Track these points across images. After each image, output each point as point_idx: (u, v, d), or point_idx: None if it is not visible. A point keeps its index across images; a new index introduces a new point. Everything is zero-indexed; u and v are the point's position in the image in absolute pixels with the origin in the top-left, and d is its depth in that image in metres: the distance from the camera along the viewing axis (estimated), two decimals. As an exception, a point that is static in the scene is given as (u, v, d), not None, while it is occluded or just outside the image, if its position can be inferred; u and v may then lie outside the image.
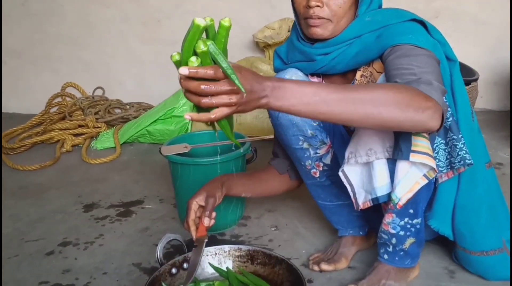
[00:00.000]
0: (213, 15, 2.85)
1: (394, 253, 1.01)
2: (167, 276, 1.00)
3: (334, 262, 1.12)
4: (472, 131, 0.99)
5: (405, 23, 0.93)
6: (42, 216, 1.48)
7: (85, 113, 2.36)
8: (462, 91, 0.98)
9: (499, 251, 1.02)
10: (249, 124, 2.01)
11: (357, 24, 0.97)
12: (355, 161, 0.94)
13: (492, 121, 2.19)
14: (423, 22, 0.95)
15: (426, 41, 0.90)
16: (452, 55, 0.97)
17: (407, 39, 0.89)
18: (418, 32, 0.92)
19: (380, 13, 0.98)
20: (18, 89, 2.66)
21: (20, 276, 1.17)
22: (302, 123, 1.05)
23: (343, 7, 0.95)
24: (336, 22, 0.96)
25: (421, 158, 0.85)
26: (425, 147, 0.86)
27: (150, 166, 1.85)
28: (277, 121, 1.07)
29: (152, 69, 2.55)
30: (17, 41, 2.58)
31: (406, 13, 0.97)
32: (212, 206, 1.00)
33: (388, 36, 0.92)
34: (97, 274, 1.16)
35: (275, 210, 1.44)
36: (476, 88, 1.89)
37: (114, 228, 1.39)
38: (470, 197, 0.98)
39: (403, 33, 0.91)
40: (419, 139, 0.86)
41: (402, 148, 0.86)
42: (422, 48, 0.88)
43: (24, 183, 1.74)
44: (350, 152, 0.95)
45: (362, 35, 0.96)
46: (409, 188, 0.89)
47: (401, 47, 0.89)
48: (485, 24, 2.29)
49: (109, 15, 2.50)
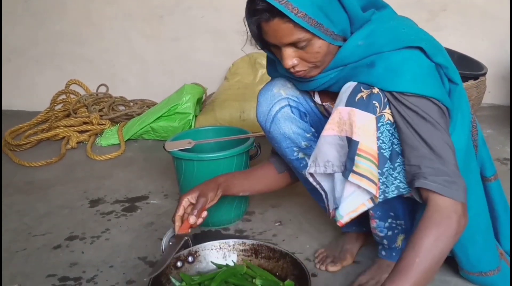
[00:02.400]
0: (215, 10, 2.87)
1: (390, 250, 1.03)
2: (173, 269, 1.02)
3: (340, 261, 1.12)
4: (468, 152, 0.93)
5: (401, 52, 0.84)
6: (49, 211, 1.50)
7: (89, 110, 2.37)
8: (464, 112, 0.91)
9: (498, 270, 0.99)
10: (253, 121, 2.02)
11: (348, 49, 0.88)
12: (314, 171, 0.94)
13: (499, 116, 2.16)
14: (421, 48, 0.85)
15: (426, 80, 0.83)
16: (455, 78, 0.89)
17: (409, 86, 0.81)
18: (418, 66, 0.83)
19: (374, 35, 0.87)
20: (23, 86, 2.67)
21: (28, 269, 1.19)
22: (295, 136, 1.05)
23: (322, 51, 0.87)
24: (321, 64, 0.90)
25: (359, 180, 0.84)
26: (366, 170, 0.84)
27: (154, 162, 1.86)
28: (269, 134, 1.07)
29: (155, 66, 2.55)
30: (20, 39, 2.59)
31: (404, 33, 0.87)
32: (201, 205, 1.00)
33: (384, 73, 0.83)
34: (104, 267, 1.18)
35: (279, 206, 1.45)
36: (484, 83, 1.83)
37: (119, 223, 1.41)
38: None
39: (401, 72, 0.82)
40: (363, 161, 0.84)
41: (347, 166, 0.86)
42: (427, 99, 0.81)
43: (31, 179, 1.76)
44: (312, 160, 0.94)
45: (350, 63, 0.88)
46: (353, 208, 0.88)
47: (409, 115, 0.81)
48: (493, 18, 2.24)
49: (111, 12, 2.50)
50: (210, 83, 2.41)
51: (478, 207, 0.96)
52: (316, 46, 0.86)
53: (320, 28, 0.84)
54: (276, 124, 1.05)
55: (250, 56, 2.30)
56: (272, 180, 1.17)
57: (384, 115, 0.84)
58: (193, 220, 0.99)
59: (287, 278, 1.01)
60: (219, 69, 2.45)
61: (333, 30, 0.86)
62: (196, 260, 1.05)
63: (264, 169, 1.17)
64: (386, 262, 1.04)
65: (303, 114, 1.07)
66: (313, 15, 0.83)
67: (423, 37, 0.88)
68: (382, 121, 0.85)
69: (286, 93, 1.04)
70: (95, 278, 1.13)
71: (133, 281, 1.12)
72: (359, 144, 0.84)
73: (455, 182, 0.80)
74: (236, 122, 1.98)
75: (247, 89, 2.15)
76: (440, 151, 0.81)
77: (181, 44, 2.50)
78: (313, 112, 1.08)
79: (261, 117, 1.06)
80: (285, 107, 1.04)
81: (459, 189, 0.80)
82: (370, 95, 0.84)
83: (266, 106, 1.05)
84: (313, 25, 0.83)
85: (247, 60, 2.31)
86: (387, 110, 0.84)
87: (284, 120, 1.04)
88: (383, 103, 0.84)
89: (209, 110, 2.11)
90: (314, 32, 0.84)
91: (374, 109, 0.84)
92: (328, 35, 0.86)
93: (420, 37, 0.87)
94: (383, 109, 0.84)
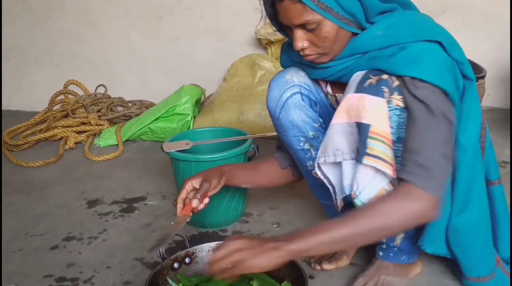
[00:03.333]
0: (215, 11, 2.86)
1: (388, 250, 1.03)
2: (170, 271, 1.02)
3: (335, 260, 1.13)
4: (476, 152, 0.94)
5: (420, 44, 0.85)
6: (46, 211, 1.50)
7: (87, 110, 2.37)
8: (476, 111, 0.93)
9: (492, 276, 0.98)
10: (251, 122, 2.02)
11: (366, 38, 0.89)
12: (324, 161, 0.95)
13: (499, 119, 2.16)
14: (440, 42, 0.87)
15: (441, 72, 0.84)
16: (470, 74, 0.91)
17: (424, 73, 0.83)
18: (435, 57, 0.85)
19: (395, 26, 0.88)
20: (21, 86, 2.67)
21: (26, 269, 1.19)
22: (303, 124, 1.05)
23: (330, 36, 0.88)
24: (330, 51, 0.91)
25: (374, 162, 0.85)
26: (380, 152, 0.85)
27: (152, 163, 1.86)
28: (278, 121, 1.07)
29: (154, 67, 2.55)
30: (19, 37, 2.59)
31: (424, 27, 0.89)
32: (205, 190, 1.01)
33: (402, 60, 0.85)
34: (101, 268, 1.18)
35: (277, 207, 1.46)
36: (483, 85, 1.81)
37: (117, 224, 1.41)
38: (463, 220, 0.93)
39: (419, 61, 0.84)
40: (376, 143, 0.85)
41: (360, 150, 0.87)
42: (438, 90, 0.83)
43: (29, 179, 1.76)
44: (321, 151, 0.96)
45: (370, 51, 0.89)
46: (375, 194, 0.89)
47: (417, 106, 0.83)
48: (494, 19, 2.23)
49: (111, 11, 2.50)
50: (209, 84, 2.41)
51: (481, 209, 0.96)
52: (325, 30, 0.88)
53: (330, 12, 0.86)
54: (285, 110, 1.04)
55: (249, 57, 2.30)
56: (274, 175, 1.18)
57: (392, 100, 0.86)
58: (196, 203, 1.00)
59: (283, 280, 1.01)
60: (218, 70, 2.45)
61: (343, 15, 0.87)
62: (193, 262, 1.05)
63: (267, 164, 1.18)
64: (384, 263, 1.04)
65: (313, 103, 1.07)
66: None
67: (443, 32, 0.90)
68: (390, 106, 0.86)
69: (298, 80, 1.04)
70: (92, 279, 1.14)
71: (130, 282, 1.12)
72: (371, 127, 0.85)
73: (433, 177, 0.81)
74: (235, 124, 1.98)
75: (246, 90, 2.15)
76: (435, 145, 0.82)
77: (180, 44, 2.50)
78: (323, 103, 1.08)
79: (272, 103, 1.06)
80: (296, 94, 1.04)
81: (435, 184, 0.81)
82: (379, 80, 0.86)
83: (278, 91, 1.04)
84: (323, 8, 0.85)
85: (246, 61, 2.31)
86: (395, 96, 0.86)
87: (294, 107, 1.04)
88: (392, 89, 0.86)
89: (208, 111, 2.11)
90: (324, 15, 0.86)
91: (383, 94, 0.85)
92: (339, 19, 0.87)
93: (440, 31, 0.90)
94: (391, 95, 0.86)
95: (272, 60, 2.27)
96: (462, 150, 0.90)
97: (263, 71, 2.24)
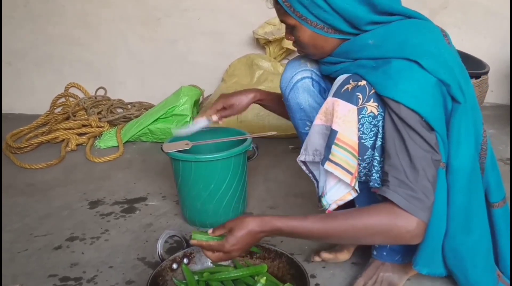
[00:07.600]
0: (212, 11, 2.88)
1: (380, 249, 1.04)
2: (169, 271, 1.03)
3: (335, 252, 1.12)
4: (472, 175, 0.89)
5: (400, 62, 0.83)
6: (49, 212, 1.53)
7: (88, 113, 2.40)
8: (468, 134, 0.88)
9: None
10: (250, 122, 2.04)
11: (357, 44, 0.89)
12: (304, 158, 0.97)
13: (502, 115, 2.13)
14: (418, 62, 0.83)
15: (418, 95, 0.81)
16: (458, 96, 0.85)
17: (399, 95, 0.81)
18: (413, 78, 0.82)
19: (385, 38, 0.87)
20: (23, 90, 2.70)
21: (30, 269, 1.21)
22: (309, 109, 1.05)
23: (306, 41, 0.91)
24: (313, 54, 0.94)
25: (334, 169, 0.86)
26: (342, 160, 0.85)
27: (152, 164, 1.89)
28: (287, 102, 1.08)
29: (152, 69, 2.57)
30: (21, 42, 2.62)
31: (411, 44, 0.85)
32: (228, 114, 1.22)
33: (382, 75, 0.84)
34: (103, 267, 1.20)
35: (277, 207, 1.47)
36: (486, 82, 1.79)
37: (119, 224, 1.43)
38: (462, 242, 0.90)
39: (396, 80, 0.82)
40: (340, 150, 0.85)
41: (325, 154, 0.88)
42: (416, 115, 0.80)
43: (32, 181, 1.79)
44: (303, 148, 0.97)
45: (359, 59, 0.89)
46: (340, 197, 0.90)
47: (398, 123, 0.82)
48: (496, 15, 2.21)
49: (108, 15, 2.52)
50: (207, 85, 2.43)
51: (481, 230, 0.92)
52: (302, 34, 0.91)
53: (305, 20, 0.87)
54: (294, 92, 1.05)
55: (247, 57, 2.32)
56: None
57: (366, 107, 0.86)
58: (216, 119, 1.22)
59: (283, 278, 1.02)
60: (216, 70, 2.46)
61: (322, 24, 0.88)
62: (191, 262, 1.07)
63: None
64: (380, 262, 1.05)
65: (323, 91, 1.07)
66: (297, 8, 0.87)
67: (433, 51, 0.84)
68: (363, 113, 0.86)
69: (311, 66, 1.05)
70: (95, 278, 1.16)
71: (132, 281, 1.14)
72: (337, 134, 0.86)
73: (419, 199, 0.79)
74: (234, 124, 2.00)
75: (244, 90, 2.17)
76: (417, 164, 0.80)
77: (178, 46, 2.52)
78: None
79: (283, 83, 1.07)
80: (306, 78, 1.04)
81: (420, 207, 0.79)
82: (355, 87, 0.86)
83: (290, 73, 1.06)
84: (298, 16, 0.87)
85: (244, 61, 2.32)
86: (371, 103, 0.85)
87: (303, 90, 1.05)
88: (368, 96, 0.86)
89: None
90: (300, 21, 0.88)
91: (356, 101, 0.86)
92: (318, 28, 0.88)
93: (427, 51, 0.84)
94: (366, 101, 0.86)
95: (270, 60, 2.28)
96: (455, 173, 0.87)
97: (261, 71, 2.25)
